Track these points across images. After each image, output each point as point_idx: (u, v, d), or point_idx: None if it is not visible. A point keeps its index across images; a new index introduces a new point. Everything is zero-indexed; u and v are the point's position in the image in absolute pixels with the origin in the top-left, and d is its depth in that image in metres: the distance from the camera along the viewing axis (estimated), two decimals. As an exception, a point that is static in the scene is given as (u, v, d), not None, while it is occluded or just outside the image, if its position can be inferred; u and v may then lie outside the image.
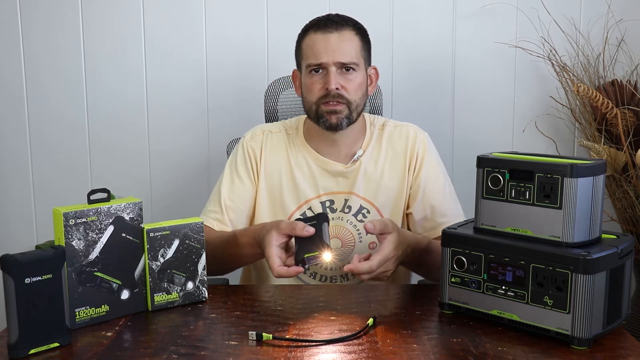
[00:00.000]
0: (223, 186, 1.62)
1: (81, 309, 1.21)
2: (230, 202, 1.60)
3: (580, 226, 1.13)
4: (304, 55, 1.57)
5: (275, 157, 1.63)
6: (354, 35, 1.54)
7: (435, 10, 2.22)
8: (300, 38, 1.59)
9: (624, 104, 2.07)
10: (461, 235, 1.24)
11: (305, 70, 1.56)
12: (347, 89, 1.52)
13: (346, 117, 1.53)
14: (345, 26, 1.54)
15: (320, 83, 1.53)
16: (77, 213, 1.19)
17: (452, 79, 2.25)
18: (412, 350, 1.10)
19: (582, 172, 1.12)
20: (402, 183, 1.61)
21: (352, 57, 1.53)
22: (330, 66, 1.51)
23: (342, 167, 1.61)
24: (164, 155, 2.29)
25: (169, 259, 1.30)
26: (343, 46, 1.52)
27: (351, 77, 1.53)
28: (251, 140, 1.65)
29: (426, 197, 1.61)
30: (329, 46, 1.51)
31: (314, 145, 1.62)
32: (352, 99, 1.53)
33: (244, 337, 1.15)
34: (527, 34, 2.17)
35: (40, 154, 2.29)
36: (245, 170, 1.62)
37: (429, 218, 1.61)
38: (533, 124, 2.25)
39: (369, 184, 1.61)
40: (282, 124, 1.69)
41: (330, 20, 1.54)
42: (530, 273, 1.15)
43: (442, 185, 1.63)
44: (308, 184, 1.60)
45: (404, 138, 1.64)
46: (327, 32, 1.52)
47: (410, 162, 1.62)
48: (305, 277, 1.61)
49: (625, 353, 1.10)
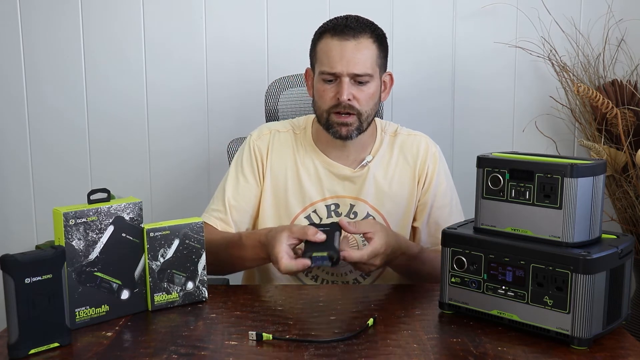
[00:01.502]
0: (228, 185, 1.60)
1: (81, 309, 1.21)
2: (234, 202, 1.59)
3: (580, 226, 1.14)
4: (318, 59, 1.53)
5: (282, 157, 1.61)
6: (371, 44, 1.50)
7: (435, 10, 2.22)
8: (316, 39, 1.54)
9: (624, 104, 2.07)
10: (461, 235, 1.24)
11: (318, 75, 1.53)
12: (359, 99, 1.50)
13: (356, 128, 1.51)
14: (363, 33, 1.49)
15: (333, 92, 1.50)
16: (77, 213, 1.19)
17: (452, 79, 2.25)
18: (412, 350, 1.10)
19: (582, 172, 1.12)
20: (410, 194, 1.60)
21: (366, 69, 1.49)
22: (344, 77, 1.48)
23: (349, 171, 1.59)
24: (164, 155, 2.29)
25: (169, 259, 1.30)
26: (359, 56, 1.48)
27: (364, 88, 1.50)
28: (258, 139, 1.63)
29: (433, 214, 1.60)
30: (344, 55, 1.47)
31: (322, 148, 1.61)
32: (364, 110, 1.51)
33: (244, 337, 1.15)
34: (527, 34, 2.17)
35: (40, 154, 2.29)
36: (250, 169, 1.61)
37: (432, 234, 1.61)
38: (533, 124, 2.25)
39: (378, 191, 1.59)
40: (290, 124, 1.67)
41: (348, 27, 1.48)
42: (530, 273, 1.15)
43: (449, 202, 1.62)
44: (314, 186, 1.59)
45: (415, 149, 1.62)
46: (344, 39, 1.48)
47: (420, 175, 1.61)
48: (307, 280, 1.60)
49: (625, 353, 1.10)
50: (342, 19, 1.51)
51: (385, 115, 2.03)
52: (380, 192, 1.59)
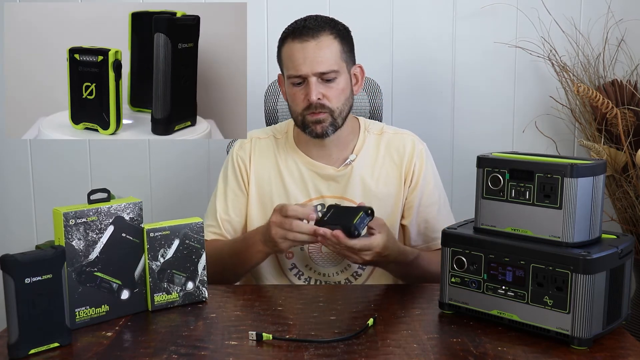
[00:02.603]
0: (218, 200, 1.63)
1: (81, 309, 1.21)
2: (225, 215, 1.61)
3: (580, 226, 1.14)
4: (284, 64, 1.55)
5: (264, 163, 1.63)
6: (332, 40, 1.50)
7: (435, 10, 2.22)
8: (280, 46, 1.56)
9: (624, 104, 2.08)
10: (461, 235, 1.24)
11: (287, 80, 1.55)
12: (328, 97, 1.50)
13: (330, 124, 1.52)
14: (322, 31, 1.50)
15: (302, 94, 1.51)
16: (77, 213, 1.19)
17: (452, 79, 2.25)
18: (412, 350, 1.10)
19: (582, 172, 1.12)
20: (397, 193, 1.60)
21: (331, 65, 1.49)
22: (310, 77, 1.48)
23: (333, 170, 1.59)
24: (164, 155, 2.29)
25: (169, 259, 1.30)
26: (321, 55, 1.48)
27: (333, 85, 1.51)
28: (239, 149, 1.65)
29: (421, 212, 1.61)
30: (307, 56, 1.48)
31: (304, 149, 1.61)
32: (335, 106, 1.51)
33: (244, 337, 1.15)
34: (527, 34, 2.17)
35: (40, 154, 2.29)
36: (236, 181, 1.63)
37: (422, 232, 1.62)
38: (533, 124, 2.25)
39: (364, 190, 1.59)
40: (271, 130, 1.69)
41: (307, 27, 1.50)
42: (530, 273, 1.15)
43: (437, 200, 1.63)
44: (298, 188, 1.60)
45: (402, 147, 1.62)
46: (304, 40, 1.49)
47: (407, 174, 1.60)
48: (296, 281, 1.61)
49: (625, 353, 1.10)
50: (301, 21, 1.53)
51: (385, 115, 2.03)
52: (367, 191, 1.59)
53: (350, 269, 1.59)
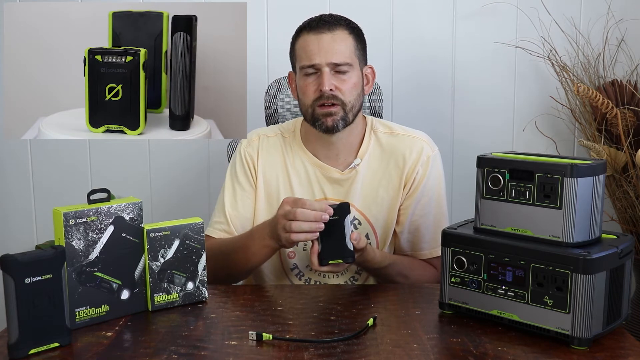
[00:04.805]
0: (226, 197, 1.62)
1: (81, 309, 1.21)
2: (234, 211, 1.60)
3: (580, 226, 1.14)
4: (297, 57, 1.55)
5: (272, 161, 1.62)
6: (347, 35, 1.52)
7: (435, 10, 2.22)
8: (294, 40, 1.57)
9: (624, 104, 2.07)
10: (461, 235, 1.24)
11: (299, 72, 1.54)
12: (341, 89, 1.50)
13: (342, 118, 1.51)
14: (338, 26, 1.51)
15: (315, 85, 1.51)
16: (77, 213, 1.19)
17: (452, 79, 2.25)
18: (412, 350, 1.10)
19: (582, 172, 1.12)
20: (394, 198, 1.58)
21: (345, 57, 1.50)
22: (324, 67, 1.49)
23: (338, 173, 1.59)
24: (164, 155, 2.29)
25: (169, 259, 1.30)
26: (336, 46, 1.49)
27: (345, 78, 1.50)
28: (248, 146, 1.64)
29: (414, 220, 1.59)
30: (321, 47, 1.49)
31: (311, 149, 1.61)
32: (347, 99, 1.51)
33: (244, 337, 1.15)
34: (527, 34, 2.17)
35: (40, 154, 2.29)
36: (245, 177, 1.62)
37: (410, 240, 1.60)
38: (533, 124, 2.25)
39: (365, 195, 1.58)
40: (279, 128, 1.68)
41: (323, 21, 1.51)
42: (530, 273, 1.15)
43: (434, 210, 1.60)
44: (303, 188, 1.59)
45: (407, 152, 1.59)
46: (320, 32, 1.50)
47: (407, 180, 1.58)
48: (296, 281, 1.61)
49: (625, 353, 1.10)
50: (317, 17, 1.54)
51: (385, 115, 2.03)
52: (367, 196, 1.58)
53: (350, 272, 1.59)
